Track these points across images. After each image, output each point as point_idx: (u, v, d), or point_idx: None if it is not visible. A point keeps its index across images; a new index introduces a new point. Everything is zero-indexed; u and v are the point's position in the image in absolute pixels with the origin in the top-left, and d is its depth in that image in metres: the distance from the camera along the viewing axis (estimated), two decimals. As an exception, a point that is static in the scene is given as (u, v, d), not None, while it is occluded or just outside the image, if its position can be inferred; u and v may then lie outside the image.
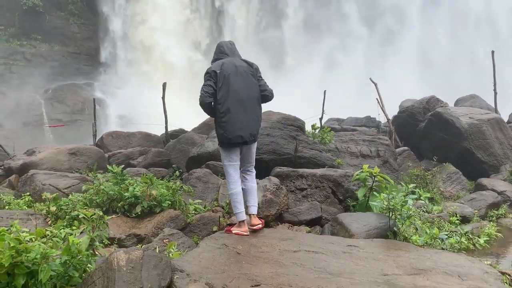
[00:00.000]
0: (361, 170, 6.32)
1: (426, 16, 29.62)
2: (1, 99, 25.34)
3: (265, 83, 5.07)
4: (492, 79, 14.95)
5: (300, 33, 29.87)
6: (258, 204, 5.36)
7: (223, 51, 5.06)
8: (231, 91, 4.78)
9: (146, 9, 29.12)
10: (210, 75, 4.82)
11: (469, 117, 11.73)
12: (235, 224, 5.08)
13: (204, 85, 4.83)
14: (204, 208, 6.70)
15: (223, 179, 7.84)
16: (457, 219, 6.98)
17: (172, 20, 29.19)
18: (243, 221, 4.90)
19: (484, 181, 9.84)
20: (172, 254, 4.36)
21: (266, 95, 5.07)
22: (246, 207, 5.03)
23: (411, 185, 5.49)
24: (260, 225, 4.99)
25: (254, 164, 5.18)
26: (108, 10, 29.88)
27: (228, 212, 6.61)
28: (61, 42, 30.26)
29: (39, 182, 7.59)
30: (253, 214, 4.99)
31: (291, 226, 6.38)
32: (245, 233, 4.81)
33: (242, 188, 5.00)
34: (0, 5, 28.20)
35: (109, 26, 30.05)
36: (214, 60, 5.07)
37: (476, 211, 7.94)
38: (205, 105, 4.87)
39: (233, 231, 4.86)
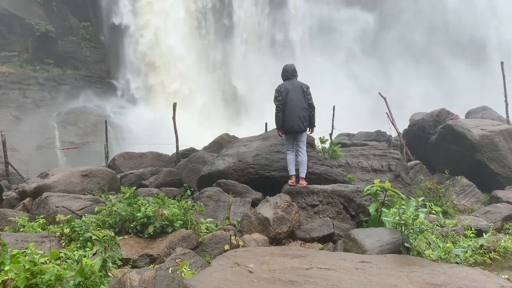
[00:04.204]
0: (372, 184, 6.29)
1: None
2: (15, 123, 25.84)
3: (311, 98, 7.92)
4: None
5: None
6: (270, 221, 6.35)
7: (285, 73, 8.04)
8: (288, 101, 7.76)
9: (158, 28, 29.65)
10: (278, 91, 7.88)
11: (481, 129, 11.64)
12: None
13: (275, 98, 7.85)
14: (216, 226, 6.70)
15: (233, 197, 7.86)
16: (472, 233, 6.87)
17: (185, 39, 29.79)
18: (292, 176, 7.82)
19: (499, 193, 9.71)
20: (184, 274, 4.37)
21: (310, 104, 7.87)
22: (297, 171, 7.78)
23: (421, 199, 5.44)
24: (305, 183, 7.64)
25: (304, 143, 7.89)
26: (119, 33, 30.48)
27: (239, 230, 6.60)
28: (73, 66, 30.94)
29: (53, 204, 7.66)
30: (301, 177, 7.73)
31: (304, 243, 6.34)
32: (292, 184, 7.73)
33: (297, 159, 7.85)
34: (14, 32, 28.98)
35: (120, 49, 30.61)
36: (282, 77, 8.09)
37: (491, 224, 7.81)
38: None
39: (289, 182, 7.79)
